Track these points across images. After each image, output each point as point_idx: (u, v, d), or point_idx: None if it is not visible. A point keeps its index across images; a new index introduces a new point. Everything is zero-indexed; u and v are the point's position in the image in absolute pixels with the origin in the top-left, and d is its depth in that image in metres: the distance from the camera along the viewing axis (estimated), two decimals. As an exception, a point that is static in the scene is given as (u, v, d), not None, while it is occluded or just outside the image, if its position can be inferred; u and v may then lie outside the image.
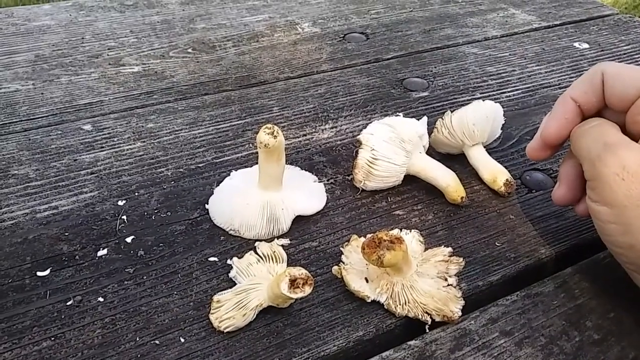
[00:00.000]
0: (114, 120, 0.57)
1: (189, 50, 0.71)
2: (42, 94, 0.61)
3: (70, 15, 0.77)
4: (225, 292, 0.39)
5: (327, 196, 0.48)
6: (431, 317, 0.38)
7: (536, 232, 0.46)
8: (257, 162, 0.45)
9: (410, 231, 0.44)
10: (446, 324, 0.38)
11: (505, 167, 0.50)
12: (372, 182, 0.48)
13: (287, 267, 0.40)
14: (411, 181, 0.50)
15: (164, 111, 0.59)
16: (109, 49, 0.70)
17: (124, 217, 0.46)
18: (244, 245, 0.44)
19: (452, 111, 0.51)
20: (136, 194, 0.48)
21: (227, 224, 0.45)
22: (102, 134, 0.55)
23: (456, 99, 0.63)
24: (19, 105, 0.59)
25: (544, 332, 0.38)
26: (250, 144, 0.54)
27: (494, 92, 0.65)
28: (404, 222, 0.46)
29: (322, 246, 0.44)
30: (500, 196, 0.49)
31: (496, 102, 0.51)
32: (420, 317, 0.38)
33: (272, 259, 0.41)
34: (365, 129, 0.49)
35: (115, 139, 0.54)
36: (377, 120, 0.50)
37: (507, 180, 0.49)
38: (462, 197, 0.47)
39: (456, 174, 0.48)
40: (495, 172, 0.49)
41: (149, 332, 0.37)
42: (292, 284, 0.35)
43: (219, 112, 0.59)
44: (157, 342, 0.36)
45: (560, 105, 0.42)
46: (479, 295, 0.41)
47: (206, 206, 0.47)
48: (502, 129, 0.53)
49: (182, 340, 0.37)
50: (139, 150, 0.53)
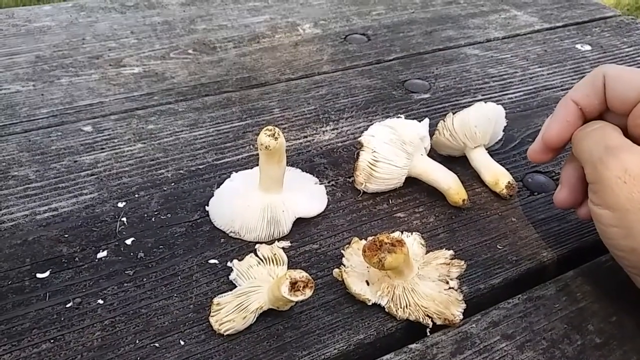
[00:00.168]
0: (115, 121, 0.57)
1: (190, 51, 0.71)
2: (42, 95, 0.61)
3: (70, 16, 0.77)
4: (225, 294, 0.38)
5: (328, 198, 0.48)
6: (432, 321, 0.38)
7: (538, 235, 0.46)
8: (257, 164, 0.45)
9: (411, 234, 0.43)
10: (447, 327, 0.38)
11: (507, 169, 0.50)
12: (373, 184, 0.48)
13: (287, 269, 0.40)
14: (412, 183, 0.49)
15: (165, 112, 0.59)
16: (110, 50, 0.70)
17: (124, 219, 0.45)
18: (244, 247, 0.43)
19: (454, 113, 0.51)
20: (136, 195, 0.48)
21: (227, 226, 0.45)
22: (103, 136, 0.55)
23: (458, 100, 0.63)
24: (19, 106, 0.58)
25: (545, 336, 0.38)
26: (250, 146, 0.54)
27: (496, 94, 0.64)
28: (405, 225, 0.46)
29: (322, 249, 0.44)
30: (502, 199, 0.49)
31: (498, 104, 0.51)
32: (421, 320, 0.38)
33: (272, 262, 0.41)
34: (366, 130, 0.48)
35: (115, 141, 0.54)
36: (379, 122, 0.50)
37: (509, 182, 0.49)
38: (463, 200, 0.47)
39: (458, 176, 0.48)
40: (497, 175, 0.49)
41: (149, 334, 0.37)
42: (293, 286, 0.35)
43: (219, 113, 0.59)
44: (157, 344, 0.36)
45: (561, 108, 0.42)
46: (481, 298, 0.41)
47: (206, 208, 0.47)
48: (504, 131, 0.53)
49: (182, 343, 0.37)
50: (139, 151, 0.53)
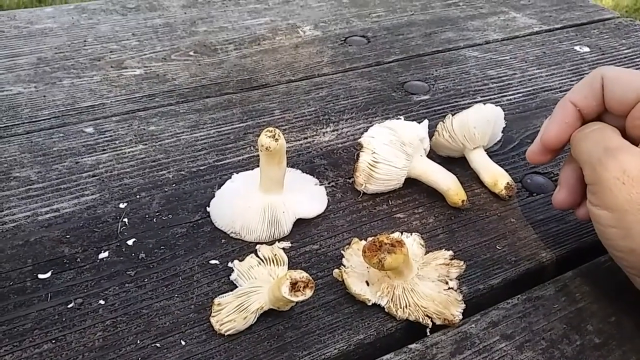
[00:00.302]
0: (116, 123, 0.57)
1: (191, 53, 0.71)
2: (44, 96, 0.61)
3: (72, 18, 0.78)
4: (226, 295, 0.39)
5: (328, 199, 0.48)
6: (432, 321, 0.38)
7: (537, 235, 0.46)
8: (258, 165, 0.45)
9: (411, 234, 0.44)
10: (447, 328, 0.38)
11: (506, 170, 0.50)
12: (373, 185, 0.48)
13: (288, 270, 0.40)
14: (412, 184, 0.50)
15: (166, 114, 0.59)
16: (111, 52, 0.70)
17: (125, 219, 0.46)
18: (245, 248, 0.44)
19: (453, 114, 0.51)
20: (137, 196, 0.48)
21: (228, 227, 0.45)
22: (104, 137, 0.55)
23: (457, 102, 0.63)
24: (21, 107, 0.59)
25: (544, 336, 0.38)
26: (251, 147, 0.55)
27: (495, 96, 0.65)
28: (405, 225, 0.46)
29: (323, 249, 0.44)
30: (501, 199, 0.49)
31: (497, 106, 0.51)
32: (421, 320, 0.38)
33: (273, 262, 0.41)
34: (366, 132, 0.49)
35: (117, 142, 0.54)
36: (378, 123, 0.50)
37: (508, 183, 0.49)
38: (463, 201, 0.47)
39: (457, 177, 0.48)
40: (496, 176, 0.49)
41: (150, 334, 0.37)
42: (293, 287, 0.35)
43: (220, 115, 0.59)
44: (158, 345, 0.37)
45: (560, 109, 0.42)
46: (480, 298, 0.41)
47: (207, 209, 0.47)
48: (503, 132, 0.53)
49: (183, 343, 0.37)
50: (141, 152, 0.53)
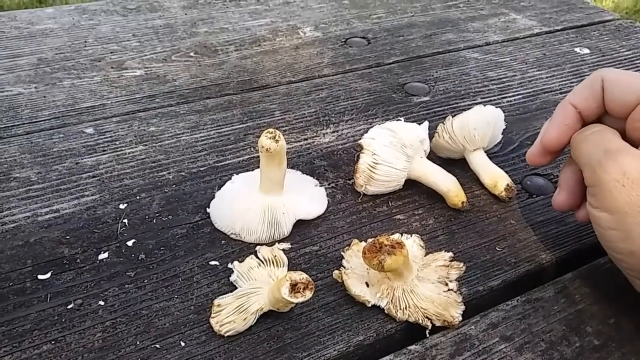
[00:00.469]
0: (116, 123, 0.57)
1: (191, 54, 0.71)
2: (44, 97, 0.61)
3: (73, 19, 0.78)
4: (225, 296, 0.39)
5: (328, 200, 0.49)
6: (431, 322, 0.38)
7: (537, 237, 0.46)
8: (258, 166, 0.45)
9: (411, 236, 0.44)
10: (446, 329, 0.38)
11: (506, 172, 0.50)
12: (373, 187, 0.48)
13: (287, 271, 0.40)
14: (412, 186, 0.50)
15: (166, 115, 0.59)
16: (112, 53, 0.70)
17: (125, 220, 0.46)
18: (244, 249, 0.44)
19: (453, 116, 0.51)
20: (137, 197, 0.48)
21: (228, 228, 0.45)
22: (104, 138, 0.55)
23: (457, 103, 0.63)
24: (21, 108, 0.59)
25: (544, 338, 0.38)
26: (251, 148, 0.55)
27: (495, 97, 0.65)
28: (405, 227, 0.47)
29: (322, 250, 0.44)
30: (501, 201, 0.49)
31: (497, 107, 0.51)
32: (420, 321, 0.38)
33: (272, 263, 0.41)
34: (366, 133, 0.49)
35: (117, 143, 0.54)
36: (379, 124, 0.50)
37: (507, 185, 0.49)
38: (462, 202, 0.47)
39: (457, 178, 0.48)
40: (496, 177, 0.49)
41: (150, 335, 0.37)
42: (293, 288, 0.35)
43: (220, 115, 0.59)
44: (158, 346, 0.37)
45: (560, 111, 0.42)
46: (480, 300, 0.41)
47: (207, 210, 0.47)
48: (503, 133, 0.53)
49: (183, 344, 0.37)
50: (141, 153, 0.53)
